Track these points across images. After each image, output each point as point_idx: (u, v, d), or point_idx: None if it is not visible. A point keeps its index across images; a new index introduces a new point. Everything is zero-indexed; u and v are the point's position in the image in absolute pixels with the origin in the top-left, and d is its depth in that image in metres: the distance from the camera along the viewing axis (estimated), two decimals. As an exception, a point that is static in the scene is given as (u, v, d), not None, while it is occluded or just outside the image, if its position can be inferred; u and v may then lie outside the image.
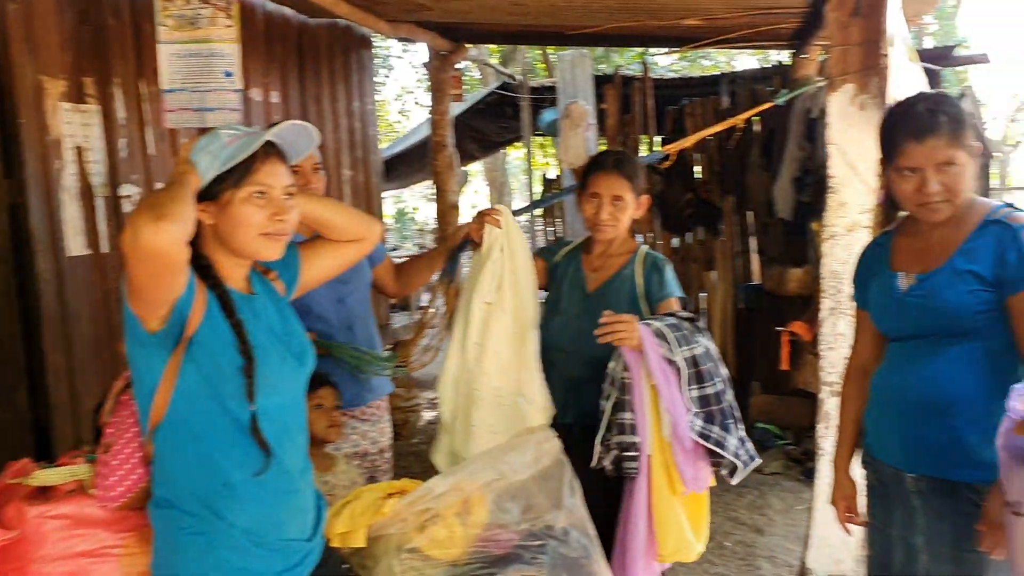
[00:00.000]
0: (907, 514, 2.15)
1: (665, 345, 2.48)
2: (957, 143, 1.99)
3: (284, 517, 1.85)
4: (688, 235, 7.75)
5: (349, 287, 2.95)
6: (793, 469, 5.27)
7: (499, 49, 17.12)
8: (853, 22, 3.37)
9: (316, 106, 5.50)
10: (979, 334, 2.01)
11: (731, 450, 2.50)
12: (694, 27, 5.70)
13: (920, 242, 2.15)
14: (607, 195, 2.76)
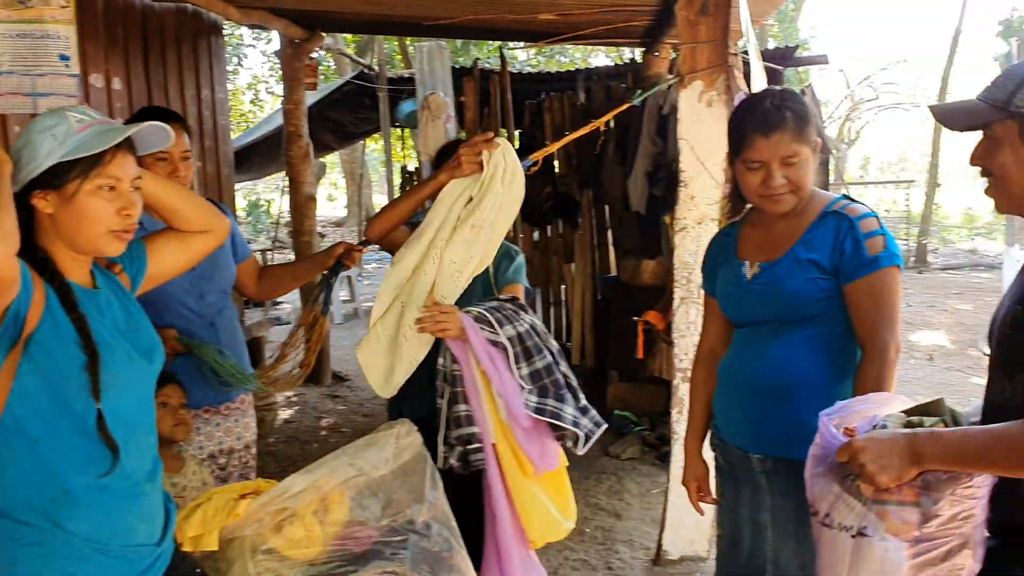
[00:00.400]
0: (754, 493, 2.24)
1: (488, 328, 2.48)
2: (801, 138, 2.09)
3: (131, 522, 1.75)
4: (548, 228, 7.89)
5: (212, 283, 2.85)
6: (649, 454, 5.42)
7: (355, 39, 16.87)
8: (701, 20, 3.50)
9: (162, 94, 5.25)
10: (819, 320, 2.11)
11: (569, 419, 2.52)
12: (549, 22, 5.77)
13: (764, 233, 2.24)
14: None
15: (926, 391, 7.05)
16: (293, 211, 7.25)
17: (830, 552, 1.62)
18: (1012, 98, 1.58)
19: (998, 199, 1.69)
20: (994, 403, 1.69)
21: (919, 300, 11.59)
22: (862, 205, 2.15)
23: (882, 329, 2.02)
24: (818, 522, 1.65)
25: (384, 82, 9.19)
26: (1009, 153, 1.61)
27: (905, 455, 1.51)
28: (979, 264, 15.59)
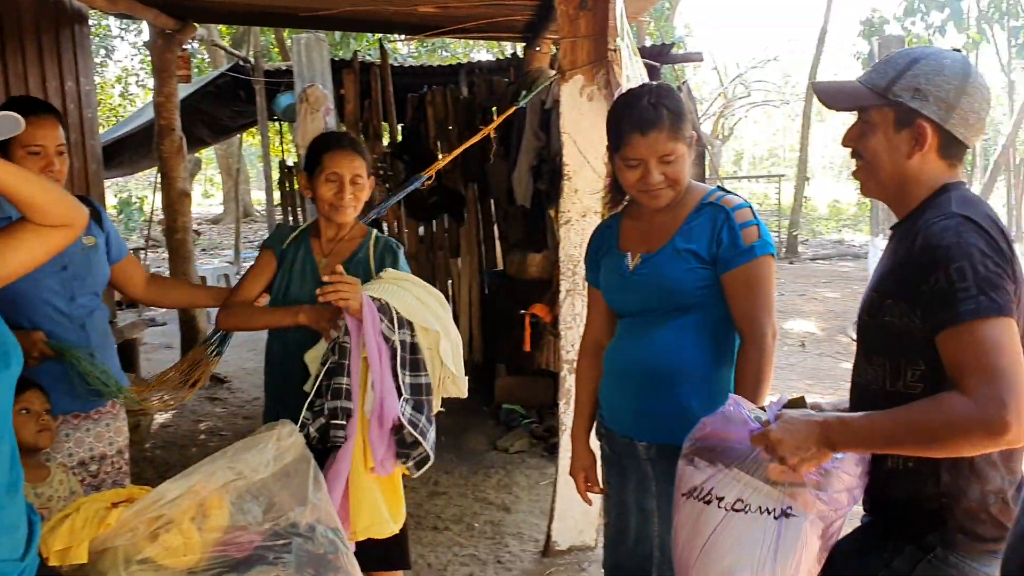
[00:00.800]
0: (640, 480, 2.28)
1: (385, 321, 2.43)
2: (677, 136, 2.13)
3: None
4: (433, 223, 7.84)
5: (83, 284, 2.72)
6: (537, 446, 5.45)
7: (230, 31, 16.39)
8: (581, 15, 3.53)
9: (22, 85, 4.96)
10: (698, 308, 2.17)
11: (430, 444, 2.50)
12: (430, 15, 5.72)
13: (644, 224, 2.29)
14: (348, 175, 2.65)
15: (799, 377, 7.35)
16: (166, 208, 6.96)
17: (741, 535, 1.65)
18: (892, 86, 1.65)
19: (865, 182, 1.76)
20: (859, 385, 1.77)
21: (790, 289, 12.07)
22: (736, 196, 2.21)
23: (759, 315, 2.08)
24: (723, 508, 1.68)
25: (261, 74, 8.97)
26: (882, 139, 1.69)
27: (819, 442, 1.57)
28: (846, 254, 16.36)
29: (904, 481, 1.66)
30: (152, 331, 9.28)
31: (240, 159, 20.53)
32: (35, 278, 2.57)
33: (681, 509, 1.76)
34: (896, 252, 1.67)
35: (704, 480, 1.71)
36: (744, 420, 1.71)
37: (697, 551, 1.68)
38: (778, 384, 7.11)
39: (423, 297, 2.56)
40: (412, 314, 2.48)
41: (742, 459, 1.68)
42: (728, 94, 22.74)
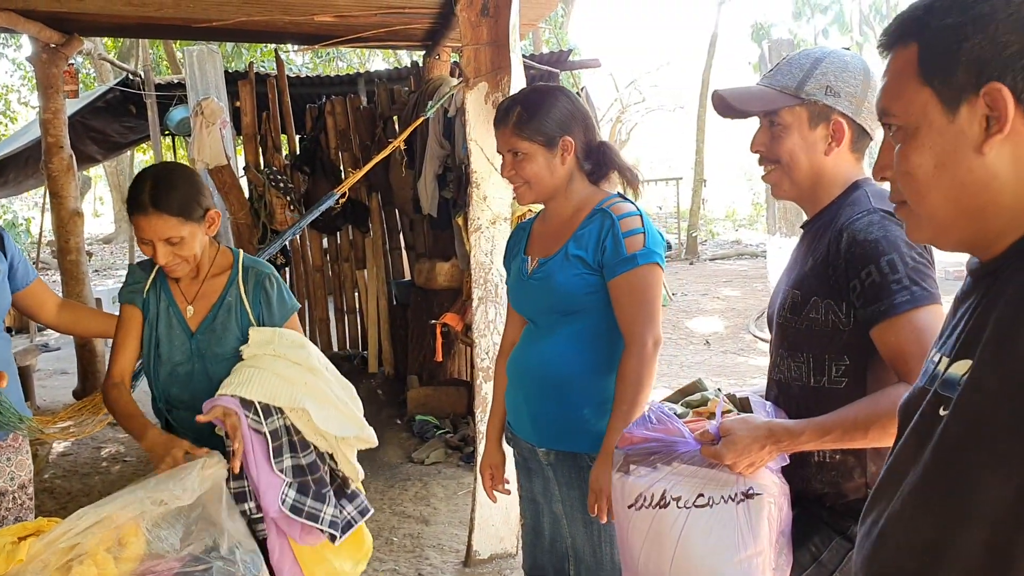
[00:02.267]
0: (546, 484, 2.33)
1: (251, 416, 2.27)
2: (522, 135, 2.19)
3: None
4: (338, 235, 7.72)
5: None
6: (453, 456, 5.42)
7: (117, 44, 15.86)
8: (483, 22, 3.53)
9: None
10: (586, 315, 2.19)
11: (326, 520, 2.37)
12: (327, 25, 5.64)
13: (547, 228, 2.32)
14: (157, 238, 2.28)
15: (706, 373, 7.52)
16: (57, 229, 6.67)
17: (712, 528, 1.66)
18: (803, 85, 1.70)
19: (779, 184, 1.80)
20: (780, 382, 1.80)
21: (693, 289, 12.35)
22: (629, 204, 2.23)
23: (640, 323, 2.11)
24: (683, 507, 1.68)
25: (152, 88, 8.69)
26: (798, 139, 1.73)
27: (767, 450, 1.61)
28: (743, 253, 16.84)
29: (830, 473, 1.71)
30: (46, 356, 8.90)
31: (131, 176, 19.87)
32: None
33: (630, 521, 1.76)
34: (814, 250, 1.72)
35: (650, 486, 1.71)
36: (673, 424, 1.73)
37: (668, 557, 1.68)
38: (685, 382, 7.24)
39: (286, 371, 2.36)
40: (275, 398, 2.30)
41: (685, 454, 1.70)
42: (623, 100, 23.13)
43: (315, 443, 2.40)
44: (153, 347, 2.43)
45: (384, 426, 5.92)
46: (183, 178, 2.34)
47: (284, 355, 2.37)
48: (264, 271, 2.47)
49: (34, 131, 9.31)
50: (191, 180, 2.36)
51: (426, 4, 5.03)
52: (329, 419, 2.38)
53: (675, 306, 10.89)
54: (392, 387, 6.93)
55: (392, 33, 5.88)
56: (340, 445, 2.44)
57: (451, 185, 5.65)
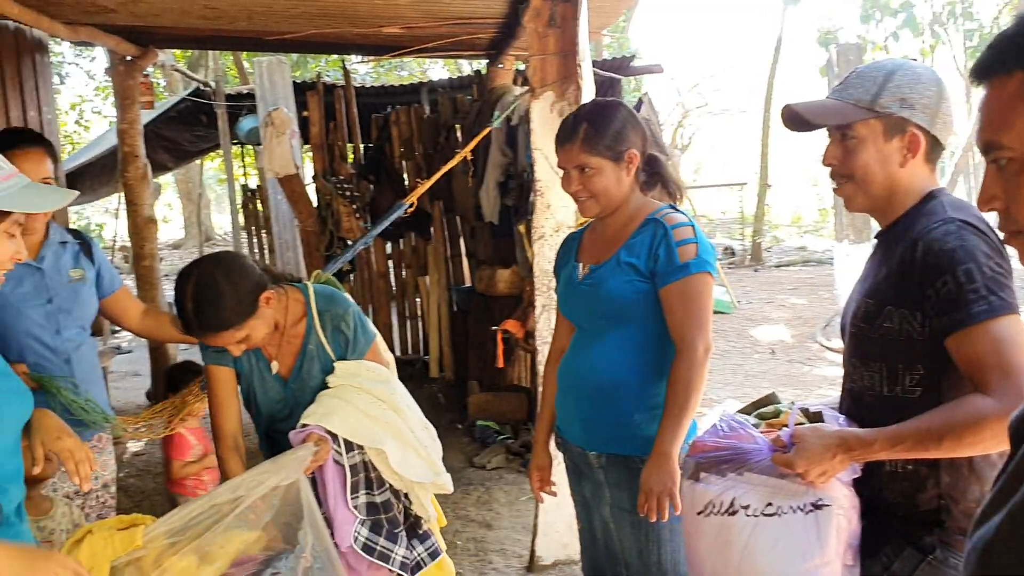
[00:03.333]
0: (595, 488, 2.36)
1: (335, 447, 2.32)
2: (591, 151, 2.23)
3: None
4: (400, 241, 7.84)
5: (70, 317, 2.70)
6: (514, 462, 5.45)
7: (186, 55, 16.27)
8: (549, 32, 3.57)
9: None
10: (637, 321, 2.23)
11: (397, 562, 2.41)
12: (394, 36, 5.74)
13: (598, 237, 2.38)
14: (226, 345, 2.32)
15: (771, 383, 7.42)
16: (132, 235, 6.89)
17: (779, 537, 1.68)
18: (877, 98, 1.70)
19: (853, 197, 1.79)
20: (853, 391, 1.80)
21: (758, 297, 12.20)
22: (682, 214, 2.27)
23: (691, 330, 2.14)
24: (751, 516, 1.70)
25: (222, 98, 8.91)
26: (873, 152, 1.73)
27: (839, 458, 1.61)
28: (809, 260, 16.55)
29: (903, 483, 1.70)
30: (119, 359, 9.16)
31: (200, 183, 20.36)
32: (19, 310, 2.56)
33: (698, 527, 1.79)
34: (888, 260, 1.71)
35: (720, 494, 1.73)
36: (746, 431, 1.75)
37: (734, 565, 1.70)
38: (752, 392, 7.15)
39: (369, 408, 2.39)
40: (356, 435, 2.35)
41: (755, 464, 1.71)
42: (686, 104, 22.97)
43: (391, 481, 2.44)
44: (252, 399, 2.53)
45: (445, 431, 5.96)
46: (226, 285, 2.24)
47: (369, 390, 2.42)
48: (339, 312, 2.49)
49: (108, 140, 9.63)
50: (232, 281, 2.25)
51: (491, 15, 5.09)
52: (407, 463, 2.42)
53: (740, 314, 10.77)
54: (453, 392, 7.01)
55: (457, 43, 5.95)
56: (415, 487, 2.48)
57: (513, 193, 5.69)
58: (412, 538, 2.49)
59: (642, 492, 2.08)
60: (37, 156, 2.57)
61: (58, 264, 2.72)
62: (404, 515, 2.50)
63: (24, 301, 2.60)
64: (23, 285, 2.61)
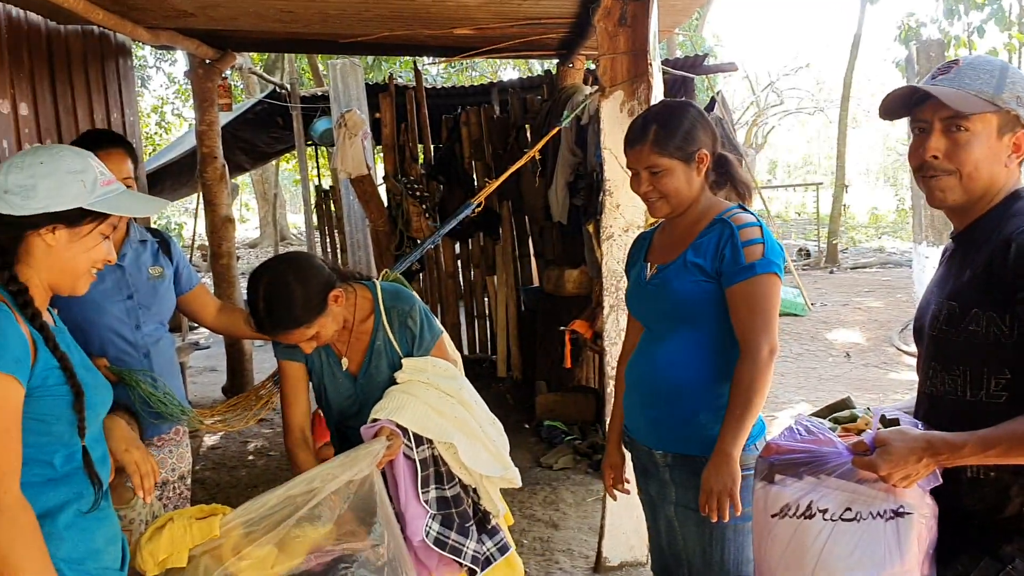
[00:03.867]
0: (661, 487, 2.36)
1: (405, 441, 2.36)
2: (662, 152, 2.22)
3: (100, 543, 1.77)
4: (469, 241, 7.89)
5: (149, 313, 2.79)
6: (581, 463, 5.44)
7: (262, 58, 16.64)
8: (620, 32, 3.55)
9: (71, 119, 5.08)
10: (703, 321, 2.22)
11: (468, 556, 2.43)
12: (465, 37, 5.78)
13: (667, 237, 2.38)
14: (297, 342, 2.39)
15: (846, 387, 7.27)
16: (210, 234, 7.08)
17: (857, 543, 1.65)
18: (999, 92, 1.65)
19: (951, 191, 1.72)
20: (932, 396, 1.75)
21: (833, 299, 11.95)
22: (750, 215, 2.25)
23: (756, 332, 2.11)
24: (829, 520, 1.68)
25: (297, 100, 9.09)
26: (985, 147, 1.67)
27: (924, 462, 1.58)
28: (887, 262, 16.14)
29: (985, 491, 1.65)
30: (196, 354, 9.41)
31: (277, 184, 20.80)
32: (101, 306, 2.65)
33: (771, 530, 1.77)
34: (972, 262, 1.67)
35: (798, 496, 1.71)
36: (825, 435, 1.72)
37: (808, 569, 1.68)
38: (825, 396, 7.02)
39: (437, 403, 2.43)
40: (426, 429, 2.39)
41: (835, 469, 1.68)
42: (760, 102, 22.64)
43: (460, 476, 2.46)
44: (323, 394, 2.60)
45: (512, 430, 5.95)
46: (296, 285, 2.30)
47: (437, 385, 2.46)
48: (405, 308, 2.55)
49: (188, 142, 9.91)
50: (302, 281, 2.32)
51: (562, 15, 5.08)
52: (477, 457, 2.45)
53: (814, 316, 10.56)
54: (520, 392, 7.02)
55: (527, 44, 5.96)
56: (483, 481, 2.50)
57: (582, 192, 5.68)
58: (482, 533, 2.51)
59: (703, 492, 2.07)
60: (118, 156, 2.65)
61: (138, 262, 2.81)
62: (473, 510, 2.52)
63: (105, 297, 2.68)
64: (105, 282, 2.70)
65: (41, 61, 4.81)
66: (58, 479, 1.70)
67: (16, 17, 4.58)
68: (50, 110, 4.87)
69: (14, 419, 1.60)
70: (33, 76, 4.70)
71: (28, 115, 4.60)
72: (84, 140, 2.66)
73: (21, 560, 1.56)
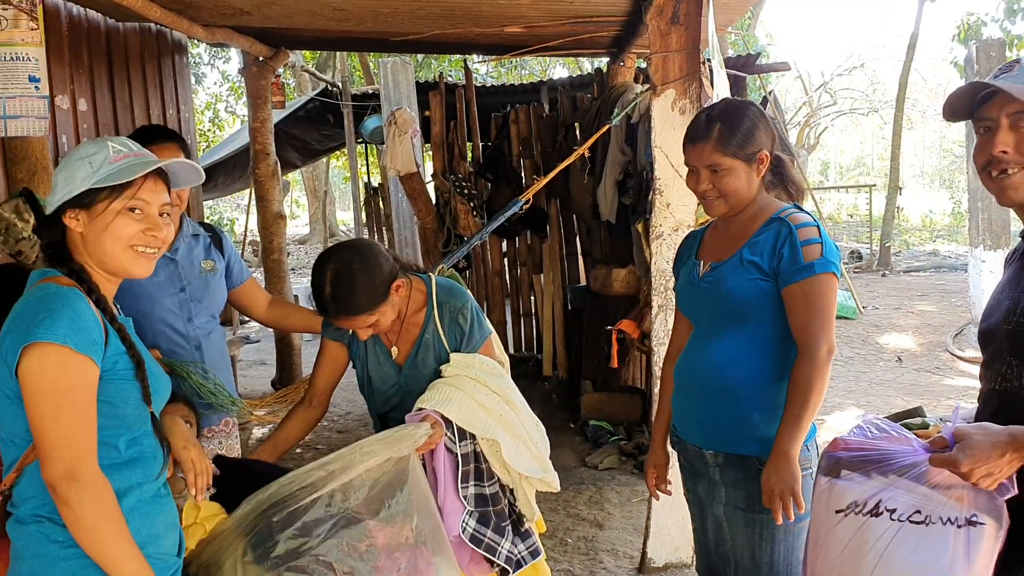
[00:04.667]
0: (710, 487, 2.34)
1: (448, 434, 2.37)
2: (724, 150, 2.20)
3: (159, 529, 1.81)
4: (516, 239, 7.89)
5: (201, 306, 2.84)
6: (627, 463, 5.42)
7: (314, 56, 16.82)
8: (672, 30, 3.53)
9: (128, 114, 5.19)
10: (758, 320, 2.20)
11: (502, 555, 2.42)
12: (516, 35, 5.78)
13: (720, 235, 2.36)
14: (357, 329, 2.44)
15: (897, 392, 7.14)
16: (262, 230, 7.18)
17: (921, 547, 1.62)
18: None
19: (1022, 187, 1.69)
20: (1008, 391, 1.70)
21: (885, 303, 11.74)
22: (806, 214, 2.24)
23: (814, 330, 2.09)
24: (896, 520, 1.65)
25: (348, 98, 9.18)
26: None
27: (1007, 458, 1.53)
28: (941, 266, 15.83)
29: None
30: (247, 348, 9.55)
31: (327, 181, 21.01)
32: (154, 299, 2.70)
33: (833, 526, 1.74)
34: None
35: (866, 494, 1.68)
36: (899, 433, 1.68)
37: (867, 569, 1.65)
38: (876, 400, 6.91)
39: (483, 399, 2.44)
40: (470, 424, 2.39)
41: (907, 469, 1.65)
42: (813, 103, 22.31)
43: (499, 475, 2.47)
44: (366, 381, 2.63)
45: (557, 430, 6.00)
46: (362, 272, 2.35)
47: (484, 382, 2.46)
48: (457, 305, 2.57)
49: (241, 139, 10.06)
50: (368, 269, 2.36)
51: (614, 13, 5.07)
52: (519, 456, 2.45)
53: (865, 320, 10.38)
54: (566, 391, 7.01)
55: (578, 42, 5.95)
56: (522, 482, 2.50)
57: (631, 191, 5.65)
58: (516, 534, 2.51)
59: (765, 493, 2.04)
60: (171, 151, 2.70)
61: (191, 255, 2.86)
62: (510, 510, 2.52)
63: (159, 290, 2.74)
64: (158, 275, 2.75)
65: (100, 58, 4.91)
66: (123, 463, 1.75)
67: (77, 15, 4.68)
68: (108, 106, 4.97)
69: (92, 399, 1.66)
70: (92, 72, 4.80)
71: (87, 111, 4.70)
72: (138, 135, 2.71)
73: (108, 534, 1.63)
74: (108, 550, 1.64)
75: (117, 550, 1.65)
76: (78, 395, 1.63)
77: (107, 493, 1.65)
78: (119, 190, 1.77)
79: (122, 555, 1.65)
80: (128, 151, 1.82)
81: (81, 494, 1.61)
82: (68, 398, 1.62)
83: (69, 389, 1.63)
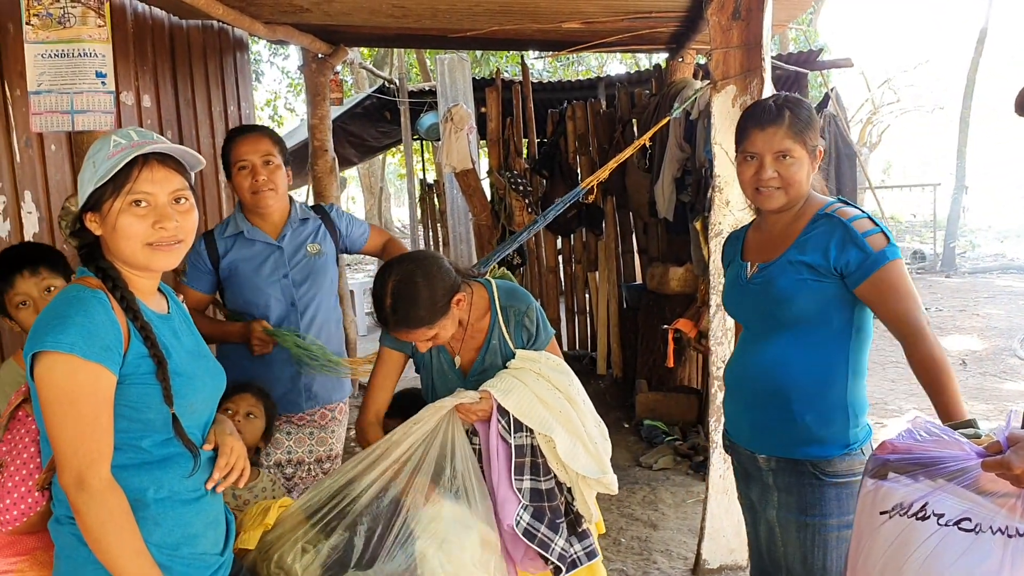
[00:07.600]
0: (763, 491, 2.30)
1: (503, 422, 2.36)
2: (796, 138, 2.15)
3: (197, 529, 1.79)
4: (571, 236, 7.86)
5: (302, 289, 2.89)
6: (682, 464, 5.36)
7: (372, 53, 16.94)
8: (734, 25, 3.47)
9: (190, 111, 5.27)
10: (809, 321, 2.15)
11: (556, 553, 2.39)
12: (573, 31, 5.75)
13: (765, 235, 2.31)
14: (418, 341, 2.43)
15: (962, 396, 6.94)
16: (319, 225, 7.24)
17: (967, 554, 1.57)
18: None
19: None
20: None
21: (949, 304, 11.45)
22: (853, 208, 2.19)
23: (913, 313, 2.05)
24: (943, 525, 1.60)
25: (405, 95, 9.22)
26: None
27: None
28: (1009, 267, 15.38)
29: None
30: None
31: (383, 177, 21.18)
32: (257, 286, 2.81)
33: (876, 527, 1.69)
34: None
35: (915, 497, 1.63)
36: (951, 437, 1.63)
37: (913, 570, 1.60)
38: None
39: (544, 394, 2.42)
40: (527, 417, 2.37)
41: (957, 475, 1.59)
42: (876, 100, 21.84)
43: (556, 472, 2.44)
44: (430, 390, 2.59)
45: (611, 428, 5.89)
46: (424, 286, 2.32)
47: (548, 377, 2.45)
48: (522, 308, 2.54)
49: (299, 135, 10.16)
50: (430, 282, 2.33)
51: (673, 8, 5.01)
52: (575, 454, 2.41)
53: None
54: (620, 390, 6.96)
55: (637, 37, 5.90)
56: (579, 482, 2.46)
57: (689, 189, 5.57)
58: (572, 534, 2.48)
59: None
60: (258, 139, 2.90)
61: (296, 241, 2.95)
62: (566, 509, 2.49)
63: (265, 279, 2.88)
64: (265, 266, 2.85)
65: (163, 54, 4.99)
66: (154, 462, 1.72)
67: (141, 12, 4.77)
68: (171, 102, 5.05)
69: (103, 406, 1.63)
70: (156, 69, 4.88)
71: (151, 107, 4.79)
72: (231, 132, 2.92)
73: (112, 543, 1.61)
74: (114, 560, 1.62)
75: (123, 560, 1.62)
76: (85, 404, 1.61)
77: (115, 501, 1.63)
78: (118, 187, 1.70)
79: (128, 564, 1.62)
80: (127, 142, 1.74)
81: (87, 502, 1.60)
82: (74, 407, 1.60)
83: (75, 398, 1.60)
